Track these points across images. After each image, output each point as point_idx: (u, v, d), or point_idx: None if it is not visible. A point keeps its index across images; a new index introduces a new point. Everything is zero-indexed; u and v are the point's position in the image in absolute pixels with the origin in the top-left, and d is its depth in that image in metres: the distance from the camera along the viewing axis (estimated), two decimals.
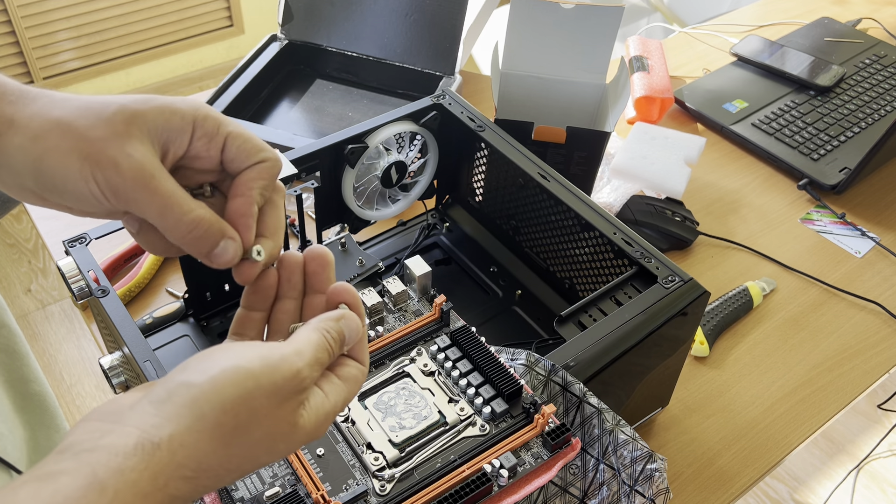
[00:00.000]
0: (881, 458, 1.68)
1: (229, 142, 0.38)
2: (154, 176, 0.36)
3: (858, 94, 1.18)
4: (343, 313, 0.39)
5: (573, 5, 0.90)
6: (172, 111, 0.37)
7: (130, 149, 0.35)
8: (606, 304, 0.61)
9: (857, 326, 0.86)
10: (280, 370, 0.34)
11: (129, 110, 0.36)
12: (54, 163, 0.35)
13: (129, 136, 0.35)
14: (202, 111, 0.38)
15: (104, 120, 0.35)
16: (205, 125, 0.38)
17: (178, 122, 0.37)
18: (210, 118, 0.38)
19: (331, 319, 0.38)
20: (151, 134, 0.36)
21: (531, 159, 0.71)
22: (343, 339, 0.38)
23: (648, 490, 0.51)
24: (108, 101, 0.36)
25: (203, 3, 2.57)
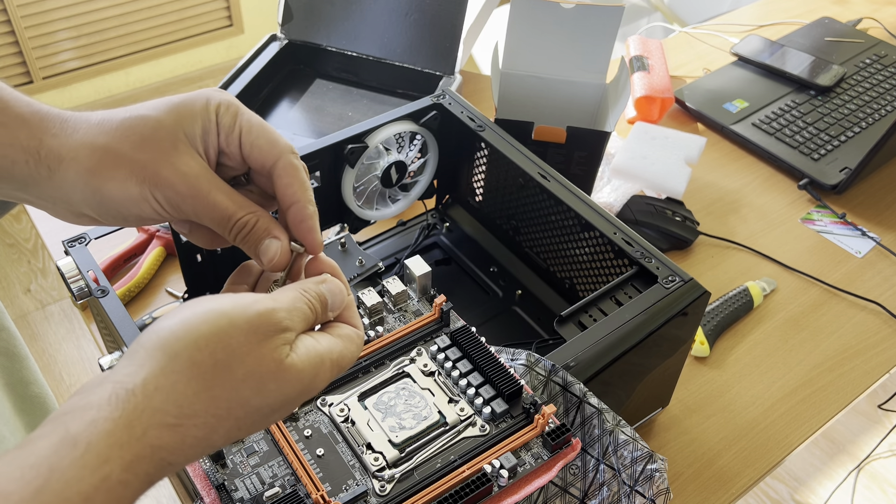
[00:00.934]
0: (882, 458, 1.68)
1: (243, 138, 0.39)
2: (209, 187, 0.38)
3: (859, 94, 1.18)
4: (324, 277, 0.40)
5: (573, 5, 0.90)
6: (201, 111, 0.38)
7: (181, 164, 0.37)
8: (606, 304, 0.61)
9: (857, 326, 0.86)
10: (253, 308, 0.34)
11: (169, 124, 0.37)
12: (114, 192, 0.37)
13: (176, 151, 0.37)
14: (222, 104, 0.39)
15: (149, 140, 0.37)
16: (223, 120, 0.39)
17: (208, 122, 0.39)
18: (226, 112, 0.39)
19: (310, 282, 0.39)
20: (193, 141, 0.38)
21: (531, 159, 0.71)
22: (325, 301, 0.38)
23: (649, 490, 0.51)
24: (144, 117, 0.37)
25: (203, 3, 2.57)
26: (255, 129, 0.40)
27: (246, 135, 0.39)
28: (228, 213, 0.39)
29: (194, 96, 0.39)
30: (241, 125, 0.39)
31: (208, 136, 0.39)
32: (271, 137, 0.40)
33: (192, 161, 0.38)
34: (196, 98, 0.39)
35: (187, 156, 0.37)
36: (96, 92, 2.55)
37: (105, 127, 0.37)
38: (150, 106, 0.38)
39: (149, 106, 0.38)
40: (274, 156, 0.40)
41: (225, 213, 0.38)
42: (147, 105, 0.38)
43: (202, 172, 0.38)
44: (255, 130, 0.40)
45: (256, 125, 0.40)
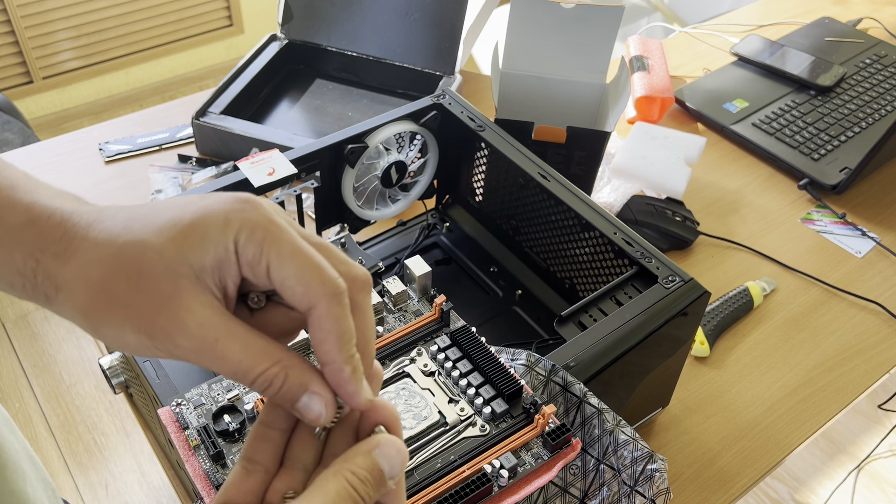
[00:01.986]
0: (881, 458, 1.68)
1: (272, 275, 0.31)
2: (216, 337, 0.30)
3: (859, 94, 1.18)
4: (379, 439, 0.31)
5: (573, 5, 0.90)
6: (215, 239, 0.30)
7: (182, 310, 0.30)
8: (607, 304, 0.61)
9: (857, 326, 0.86)
10: None
11: (171, 256, 0.30)
12: (111, 338, 0.31)
13: (177, 292, 0.30)
14: (244, 229, 0.31)
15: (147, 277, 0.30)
16: (245, 251, 0.31)
17: (224, 253, 0.31)
18: (249, 240, 0.31)
19: (360, 454, 0.31)
20: (202, 275, 0.31)
21: (531, 159, 0.71)
22: (381, 476, 0.31)
23: (649, 490, 0.51)
24: (145, 244, 0.30)
25: (203, 3, 2.57)
26: (287, 265, 0.31)
27: (275, 272, 0.31)
28: (244, 368, 0.31)
29: (209, 216, 0.30)
30: (269, 260, 0.30)
31: (224, 269, 0.31)
32: (306, 278, 0.31)
33: (196, 304, 0.30)
34: (211, 220, 0.30)
35: (190, 298, 0.30)
36: (96, 92, 2.55)
37: (101, 254, 0.30)
38: (156, 224, 0.31)
39: (156, 224, 0.31)
40: (308, 302, 0.31)
41: (240, 368, 0.31)
42: (155, 220, 0.31)
43: (208, 319, 0.30)
44: (285, 268, 0.31)
45: (289, 260, 0.31)
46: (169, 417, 0.50)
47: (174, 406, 0.51)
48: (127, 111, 2.54)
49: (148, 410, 0.63)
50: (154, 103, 2.59)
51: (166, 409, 0.50)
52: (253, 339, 0.31)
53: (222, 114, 0.99)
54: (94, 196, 0.97)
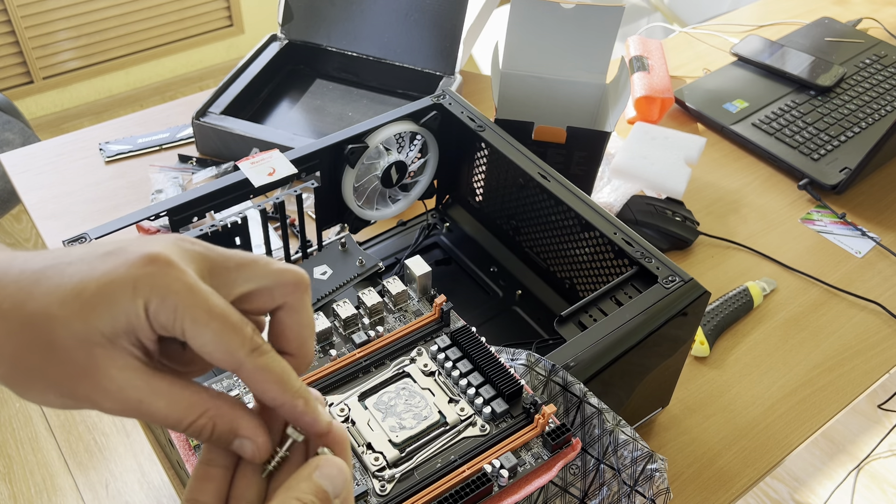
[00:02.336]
0: (881, 458, 1.68)
1: (190, 341, 0.30)
2: (141, 401, 0.30)
3: (859, 94, 1.18)
4: (319, 461, 0.32)
5: (573, 5, 0.90)
6: (123, 310, 0.29)
7: (100, 377, 0.29)
8: (607, 304, 0.61)
9: (857, 326, 0.86)
10: None
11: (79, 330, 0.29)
12: (35, 399, 0.30)
13: (92, 361, 0.29)
14: (152, 299, 0.29)
15: (58, 351, 0.29)
16: (158, 319, 0.30)
17: (135, 320, 0.30)
18: (160, 309, 0.30)
19: (302, 480, 0.31)
20: (115, 340, 0.30)
21: (531, 159, 0.71)
22: (326, 497, 0.31)
23: (649, 490, 0.51)
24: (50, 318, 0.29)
25: (203, 3, 2.57)
26: (201, 333, 0.30)
27: (192, 339, 0.30)
28: (172, 422, 0.31)
29: (116, 283, 0.29)
30: (184, 327, 0.30)
31: (138, 332, 0.30)
32: (224, 343, 0.30)
33: (114, 370, 0.29)
34: (117, 287, 0.29)
35: (108, 365, 0.29)
36: (96, 92, 2.55)
37: (11, 327, 0.29)
38: (60, 294, 0.29)
39: (59, 293, 0.29)
40: (232, 366, 0.31)
41: (168, 423, 0.31)
42: (59, 288, 0.29)
43: (128, 381, 0.30)
44: (201, 335, 0.30)
45: (204, 326, 0.30)
46: None
47: None
48: (127, 111, 2.54)
49: None
50: (154, 103, 2.59)
51: None
52: (177, 392, 0.31)
53: (223, 114, 0.99)
54: (94, 196, 0.97)
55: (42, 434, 1.67)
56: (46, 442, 1.66)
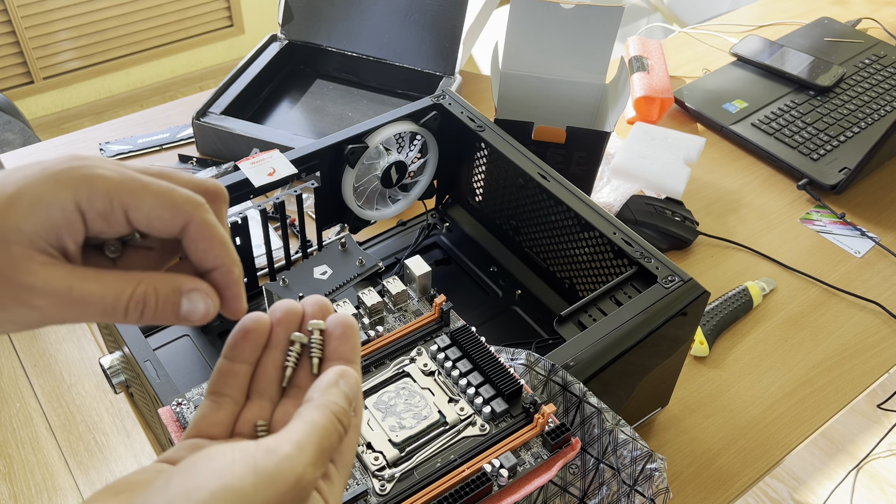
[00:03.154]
0: (881, 457, 1.68)
1: (131, 214, 0.30)
2: (72, 288, 0.29)
3: (858, 94, 1.18)
4: (342, 370, 0.33)
5: (573, 5, 0.90)
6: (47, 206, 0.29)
7: (29, 277, 0.29)
8: (606, 304, 0.61)
9: (856, 326, 0.86)
10: (277, 483, 0.27)
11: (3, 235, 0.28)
12: None
13: (16, 265, 0.28)
14: (80, 191, 0.29)
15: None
16: (94, 206, 0.30)
17: (59, 216, 0.29)
18: (96, 196, 0.29)
19: (332, 386, 0.32)
20: (36, 243, 0.29)
21: (531, 159, 0.71)
22: (351, 403, 0.32)
23: (648, 490, 0.51)
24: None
25: (203, 3, 2.58)
26: (144, 200, 0.30)
27: (135, 211, 0.30)
28: (111, 302, 0.30)
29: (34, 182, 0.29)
30: (124, 203, 0.30)
31: (61, 230, 0.29)
32: (169, 201, 0.31)
33: (36, 265, 0.29)
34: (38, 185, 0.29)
35: (28, 261, 0.29)
36: (96, 92, 2.55)
37: None
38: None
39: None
40: (180, 221, 0.31)
41: (107, 304, 0.30)
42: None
43: (53, 273, 0.29)
44: (143, 203, 0.30)
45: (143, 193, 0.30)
46: (169, 417, 0.50)
47: (175, 405, 0.51)
48: (127, 111, 2.54)
49: (148, 410, 0.63)
50: (155, 104, 2.59)
51: (167, 408, 0.51)
52: (106, 273, 0.31)
53: (223, 114, 0.99)
54: None
55: (42, 434, 1.68)
56: (46, 442, 1.66)
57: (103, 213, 0.30)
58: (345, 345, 0.34)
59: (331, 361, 0.34)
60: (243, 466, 0.27)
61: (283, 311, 0.35)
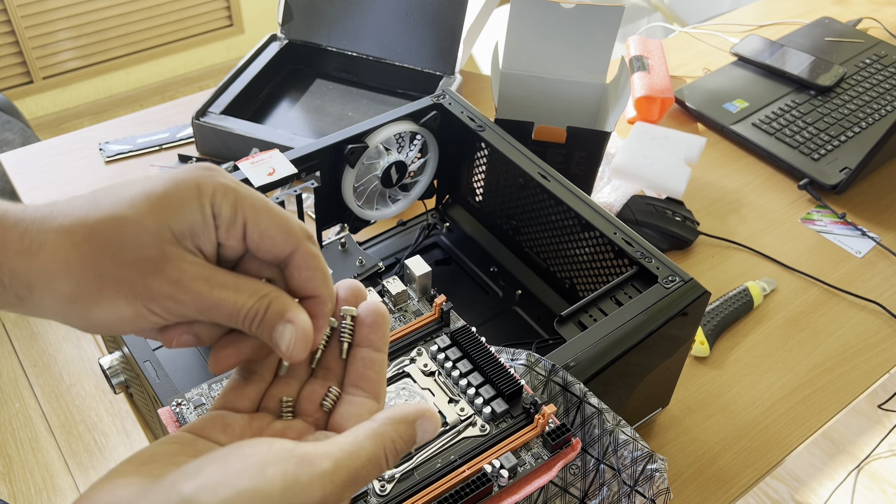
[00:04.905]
0: (881, 458, 1.68)
1: (249, 230, 0.33)
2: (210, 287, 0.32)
3: (859, 94, 1.18)
4: (424, 411, 0.31)
5: (573, 5, 0.90)
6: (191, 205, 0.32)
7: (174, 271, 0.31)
8: (607, 304, 0.61)
9: (857, 326, 0.86)
10: (304, 495, 0.27)
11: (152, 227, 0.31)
12: (104, 316, 0.31)
13: (165, 257, 0.31)
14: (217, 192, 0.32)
15: (131, 249, 0.30)
16: (221, 212, 0.32)
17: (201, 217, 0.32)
18: (223, 201, 0.32)
19: (404, 422, 0.31)
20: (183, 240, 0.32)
21: (531, 159, 0.71)
22: (412, 444, 0.31)
23: (649, 490, 0.51)
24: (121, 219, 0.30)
25: (203, 3, 2.57)
26: (263, 217, 0.33)
27: (252, 226, 0.33)
28: (237, 307, 0.32)
29: (181, 185, 0.32)
30: (246, 216, 0.32)
31: (202, 233, 0.32)
32: (284, 225, 0.33)
33: (186, 264, 0.31)
34: (183, 188, 0.31)
35: (178, 259, 0.31)
36: (96, 92, 2.55)
37: (75, 238, 0.30)
38: (126, 199, 0.31)
39: (125, 199, 0.31)
40: (290, 247, 0.33)
41: (233, 308, 0.32)
42: (122, 197, 0.31)
43: (199, 273, 0.32)
44: (262, 220, 0.33)
45: (263, 212, 0.33)
46: (169, 417, 0.50)
47: (174, 406, 0.51)
48: (127, 111, 2.54)
49: (148, 410, 0.63)
50: (154, 103, 2.59)
51: (166, 408, 0.50)
52: (243, 281, 0.33)
53: (222, 114, 0.99)
54: None
55: (42, 434, 1.67)
56: (46, 442, 1.66)
57: (227, 221, 0.32)
58: (375, 333, 0.35)
59: (360, 348, 0.35)
60: (274, 471, 0.27)
61: None
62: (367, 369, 0.35)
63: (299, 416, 0.34)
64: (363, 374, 0.35)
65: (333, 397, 0.34)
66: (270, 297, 0.33)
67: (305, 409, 0.35)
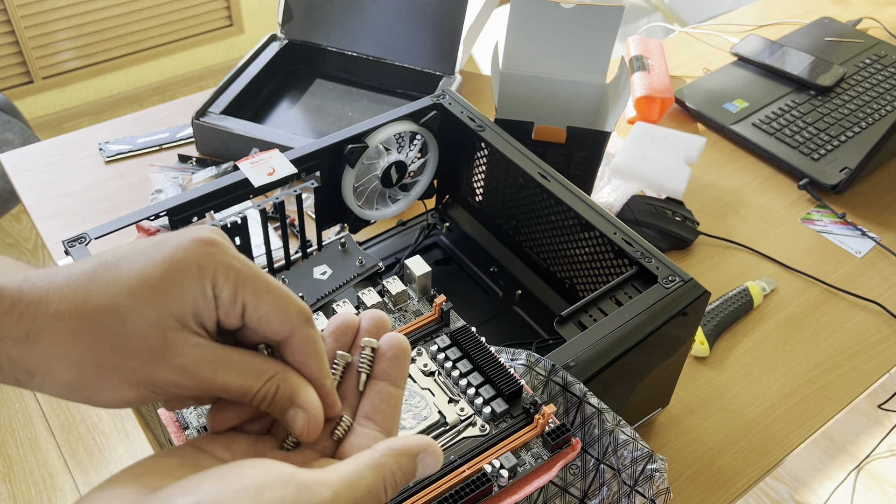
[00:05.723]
0: (881, 458, 1.68)
1: (248, 314, 0.32)
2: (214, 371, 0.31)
3: (859, 94, 1.18)
4: (426, 445, 0.31)
5: (573, 5, 0.90)
6: (191, 289, 0.31)
7: (177, 358, 0.30)
8: (606, 304, 0.61)
9: (857, 326, 0.86)
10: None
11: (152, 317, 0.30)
12: (107, 400, 0.31)
13: (167, 345, 0.30)
14: (218, 275, 0.31)
15: (132, 339, 0.30)
16: (221, 295, 0.31)
17: (202, 301, 0.31)
18: (224, 284, 0.31)
19: (406, 455, 0.30)
20: (185, 323, 0.31)
21: (531, 159, 0.71)
22: (412, 477, 0.31)
23: (649, 490, 0.51)
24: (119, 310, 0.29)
25: (203, 3, 2.57)
26: (263, 302, 0.32)
27: (252, 310, 0.32)
28: (244, 391, 0.32)
29: (180, 266, 0.30)
30: (245, 300, 0.32)
31: (204, 313, 0.31)
32: (283, 310, 0.32)
33: (189, 348, 0.31)
34: (183, 269, 0.30)
35: (182, 344, 0.30)
36: (96, 92, 2.55)
37: (74, 327, 0.29)
38: (124, 285, 0.30)
39: (123, 284, 0.30)
40: (286, 332, 0.33)
41: (241, 391, 0.32)
42: (120, 280, 0.30)
43: (202, 356, 0.31)
44: (262, 305, 0.32)
45: (264, 296, 0.32)
46: (169, 417, 0.50)
47: None
48: (127, 111, 2.54)
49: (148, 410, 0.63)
50: (154, 103, 2.59)
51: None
52: (248, 360, 0.32)
53: (222, 114, 0.99)
54: (94, 196, 0.97)
55: (42, 434, 1.67)
56: (46, 442, 1.66)
57: (226, 303, 0.31)
58: (395, 367, 0.35)
59: (377, 380, 0.35)
60: (272, 495, 0.27)
61: (339, 324, 0.35)
62: (382, 403, 0.34)
63: (308, 444, 0.34)
64: (378, 407, 0.34)
65: (345, 427, 0.34)
66: (278, 380, 0.32)
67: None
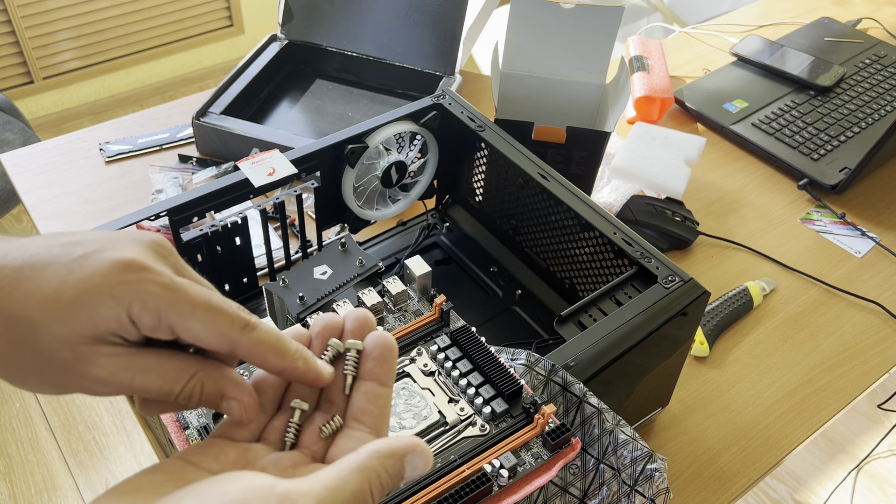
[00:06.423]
0: (881, 458, 1.68)
1: (179, 333, 0.31)
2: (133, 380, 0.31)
3: (858, 94, 1.18)
4: (415, 446, 0.30)
5: (573, 5, 0.90)
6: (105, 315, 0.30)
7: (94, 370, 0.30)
8: (606, 304, 0.61)
9: (857, 326, 0.86)
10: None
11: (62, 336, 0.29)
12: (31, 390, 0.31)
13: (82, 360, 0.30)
14: (134, 305, 0.30)
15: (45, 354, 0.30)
16: (142, 321, 0.30)
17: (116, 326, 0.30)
18: (142, 311, 0.30)
19: (392, 457, 0.30)
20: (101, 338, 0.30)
21: (531, 159, 0.71)
22: (400, 479, 0.30)
23: (648, 490, 0.51)
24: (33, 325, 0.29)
25: (203, 3, 2.57)
26: (192, 324, 0.31)
27: (183, 331, 0.31)
28: (165, 393, 0.31)
29: (92, 293, 0.29)
30: (172, 323, 0.30)
31: (122, 332, 0.30)
32: (215, 328, 0.31)
33: (102, 358, 0.30)
34: (94, 296, 0.29)
35: (94, 356, 0.30)
36: (96, 92, 2.55)
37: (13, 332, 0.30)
38: (39, 297, 0.29)
39: (41, 293, 0.29)
40: (227, 345, 0.32)
41: (161, 393, 0.31)
42: (40, 288, 0.29)
43: (117, 364, 0.30)
44: (192, 326, 0.31)
45: (190, 317, 0.31)
46: (169, 417, 0.50)
47: None
48: (127, 111, 2.54)
49: None
50: (154, 103, 2.59)
51: None
52: (166, 363, 0.31)
53: (223, 114, 0.99)
54: (94, 196, 0.97)
55: (42, 434, 1.68)
56: (46, 442, 1.66)
57: (151, 327, 0.30)
58: (381, 367, 0.34)
59: (364, 381, 0.34)
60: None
61: (323, 325, 0.35)
62: (370, 403, 0.34)
63: (299, 447, 0.34)
64: (365, 408, 0.33)
65: (334, 426, 0.33)
66: (200, 378, 0.32)
67: (306, 440, 0.34)
